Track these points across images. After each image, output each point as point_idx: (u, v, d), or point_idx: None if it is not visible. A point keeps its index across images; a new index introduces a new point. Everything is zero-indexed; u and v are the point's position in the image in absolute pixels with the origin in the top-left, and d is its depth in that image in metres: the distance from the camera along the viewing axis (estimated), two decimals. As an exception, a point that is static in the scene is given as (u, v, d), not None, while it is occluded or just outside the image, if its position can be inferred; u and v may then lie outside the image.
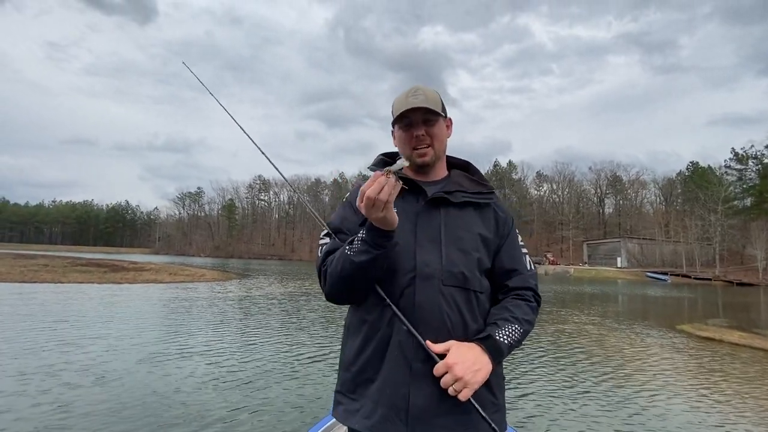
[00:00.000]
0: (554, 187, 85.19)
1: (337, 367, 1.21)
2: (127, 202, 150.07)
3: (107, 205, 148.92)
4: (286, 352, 6.55)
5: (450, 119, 1.23)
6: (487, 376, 0.99)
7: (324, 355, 6.33)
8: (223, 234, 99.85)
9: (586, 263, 60.35)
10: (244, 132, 1.46)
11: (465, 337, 1.04)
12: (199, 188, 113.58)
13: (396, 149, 1.24)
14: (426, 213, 1.11)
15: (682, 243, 53.69)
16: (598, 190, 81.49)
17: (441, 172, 1.22)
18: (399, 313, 1.01)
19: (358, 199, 0.95)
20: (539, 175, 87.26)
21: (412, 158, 1.14)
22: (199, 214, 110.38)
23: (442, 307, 1.03)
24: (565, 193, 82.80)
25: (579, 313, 12.94)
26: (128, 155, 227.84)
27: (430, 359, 1.00)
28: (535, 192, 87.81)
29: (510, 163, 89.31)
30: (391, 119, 1.18)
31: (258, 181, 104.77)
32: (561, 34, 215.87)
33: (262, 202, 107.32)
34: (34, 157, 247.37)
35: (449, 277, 1.05)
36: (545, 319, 11.29)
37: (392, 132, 1.22)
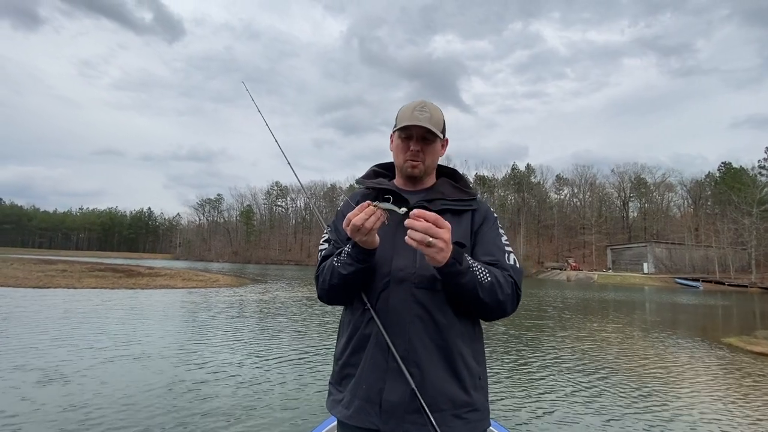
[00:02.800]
0: (575, 190, 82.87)
1: None
2: (150, 209, 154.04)
3: (131, 212, 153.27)
4: (293, 352, 6.49)
5: (446, 140, 1.32)
6: (443, 259, 0.99)
7: (327, 357, 6.11)
8: (241, 240, 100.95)
9: (610, 269, 58.13)
10: (276, 140, 1.64)
11: (436, 335, 1.10)
12: (218, 195, 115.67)
13: (391, 153, 1.34)
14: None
15: (714, 248, 51.09)
16: (622, 193, 78.75)
17: (428, 181, 1.31)
18: (375, 316, 1.10)
19: (344, 222, 1.05)
20: (559, 178, 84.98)
21: (404, 168, 1.26)
22: (218, 220, 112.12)
23: (413, 308, 1.10)
24: (587, 196, 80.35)
25: (606, 322, 11.99)
26: (154, 165, 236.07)
27: (403, 359, 1.08)
28: (555, 196, 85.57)
29: (528, 166, 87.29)
30: (394, 124, 1.29)
31: (275, 188, 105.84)
32: (573, 38, 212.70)
33: (279, 208, 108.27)
34: (67, 167, 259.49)
35: (421, 280, 1.12)
36: (567, 325, 10.51)
37: (391, 136, 1.32)
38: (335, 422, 1.24)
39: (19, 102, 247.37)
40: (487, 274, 1.08)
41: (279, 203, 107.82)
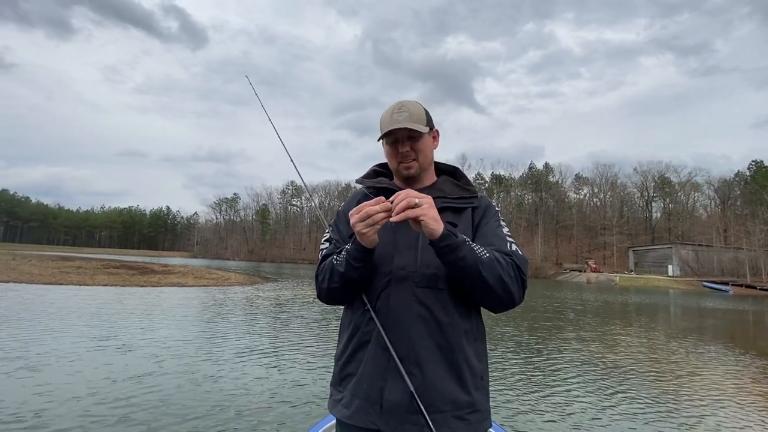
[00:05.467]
0: (595, 190, 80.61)
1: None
2: (168, 207, 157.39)
3: (150, 211, 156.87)
4: (293, 351, 6.41)
5: (437, 131, 1.29)
6: (435, 232, 1.00)
7: (328, 356, 6.02)
8: (256, 238, 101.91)
9: (632, 271, 56.18)
10: (278, 135, 1.62)
11: (438, 334, 1.09)
12: (235, 194, 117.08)
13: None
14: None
15: (745, 250, 48.70)
16: (645, 192, 76.14)
17: (428, 179, 1.29)
18: (374, 316, 1.09)
19: (354, 209, 1.03)
20: (578, 177, 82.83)
21: (399, 171, 1.24)
22: (235, 219, 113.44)
23: (414, 307, 1.09)
24: (608, 196, 78.01)
25: (628, 326, 11.19)
26: (174, 166, 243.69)
27: (404, 359, 1.06)
28: (575, 195, 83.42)
29: (547, 165, 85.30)
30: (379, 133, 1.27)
31: (290, 187, 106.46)
32: (588, 38, 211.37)
33: (294, 208, 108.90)
34: (93, 168, 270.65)
35: (422, 278, 1.11)
36: (586, 329, 9.78)
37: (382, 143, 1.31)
38: (333, 421, 1.23)
39: (50, 107, 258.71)
40: (485, 251, 1.06)
41: (294, 203, 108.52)
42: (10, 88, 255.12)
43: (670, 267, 51.60)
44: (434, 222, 0.99)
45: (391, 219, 0.99)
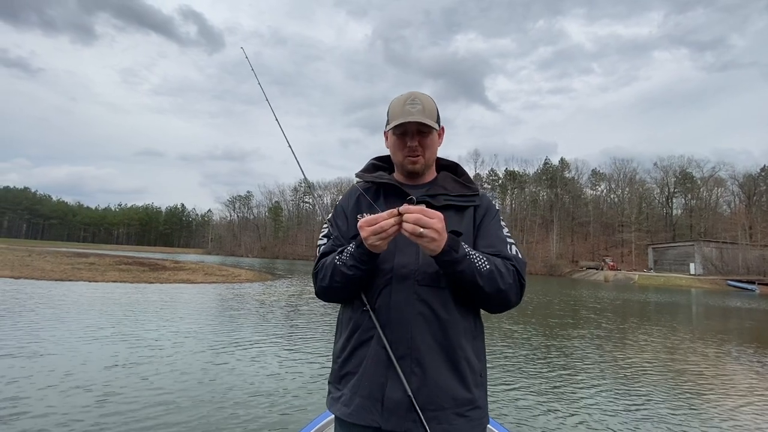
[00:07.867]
0: (612, 186, 78.57)
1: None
2: (183, 205, 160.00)
3: (166, 208, 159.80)
4: (292, 347, 6.37)
5: (443, 128, 1.28)
6: (438, 248, 0.99)
7: (326, 353, 5.95)
8: (269, 235, 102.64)
9: (651, 269, 54.58)
10: (277, 121, 1.62)
11: (439, 332, 1.08)
12: (248, 192, 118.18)
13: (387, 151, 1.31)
14: None
15: (772, 247, 46.76)
16: (666, 188, 73.85)
17: (429, 175, 1.28)
18: (373, 317, 1.09)
19: (365, 220, 1.01)
20: (595, 173, 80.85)
21: (404, 165, 1.22)
22: (248, 216, 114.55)
23: (415, 305, 1.08)
24: (626, 192, 75.96)
25: (647, 325, 10.53)
26: (190, 164, 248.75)
27: (407, 355, 1.06)
28: (591, 192, 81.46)
29: (562, 160, 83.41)
30: (386, 120, 1.23)
31: (303, 185, 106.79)
32: (600, 33, 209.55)
33: (307, 205, 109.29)
34: (113, 167, 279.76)
35: (424, 277, 1.10)
36: (601, 326, 9.25)
37: (385, 133, 1.26)
38: (331, 417, 1.24)
39: (73, 109, 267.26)
40: (486, 263, 1.06)
41: (306, 200, 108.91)
42: (36, 91, 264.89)
43: (692, 265, 49.92)
44: (435, 246, 0.98)
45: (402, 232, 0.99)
